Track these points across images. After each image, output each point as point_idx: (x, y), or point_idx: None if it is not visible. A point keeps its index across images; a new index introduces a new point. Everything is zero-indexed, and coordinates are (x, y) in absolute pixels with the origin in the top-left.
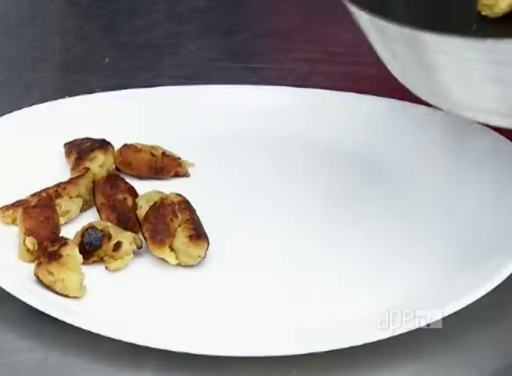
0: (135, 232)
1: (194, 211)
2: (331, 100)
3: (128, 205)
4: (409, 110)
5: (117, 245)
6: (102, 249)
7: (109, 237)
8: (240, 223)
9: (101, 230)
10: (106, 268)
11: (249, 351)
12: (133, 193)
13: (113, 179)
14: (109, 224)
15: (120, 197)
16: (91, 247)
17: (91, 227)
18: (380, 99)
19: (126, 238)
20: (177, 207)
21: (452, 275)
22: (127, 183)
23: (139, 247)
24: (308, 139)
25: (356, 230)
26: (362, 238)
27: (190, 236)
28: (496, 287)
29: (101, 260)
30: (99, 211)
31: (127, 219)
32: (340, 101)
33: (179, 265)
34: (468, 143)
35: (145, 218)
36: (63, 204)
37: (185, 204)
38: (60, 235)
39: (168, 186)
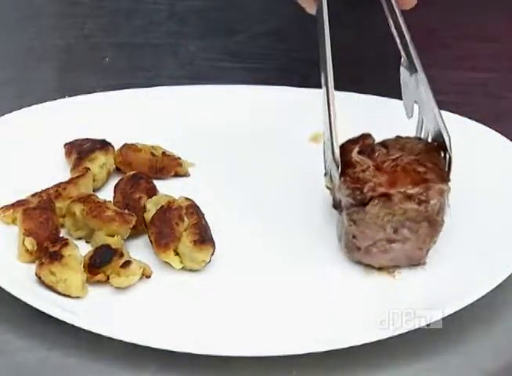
0: (141, 233)
1: (203, 215)
2: None
3: (140, 205)
4: None
5: (126, 263)
6: (111, 265)
7: (121, 255)
8: (241, 224)
9: (115, 249)
10: (110, 283)
11: (249, 351)
12: (151, 193)
13: (136, 178)
14: (124, 247)
15: (137, 196)
16: (102, 262)
17: (106, 245)
18: (380, 99)
19: (137, 262)
20: (184, 211)
21: (453, 275)
22: (150, 182)
23: (148, 276)
24: (309, 138)
25: None
26: None
27: (195, 241)
28: (496, 287)
29: (106, 280)
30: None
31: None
32: (341, 101)
33: (184, 269)
34: (468, 143)
35: (151, 222)
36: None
37: (193, 209)
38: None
39: (168, 186)
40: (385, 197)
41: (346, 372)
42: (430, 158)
